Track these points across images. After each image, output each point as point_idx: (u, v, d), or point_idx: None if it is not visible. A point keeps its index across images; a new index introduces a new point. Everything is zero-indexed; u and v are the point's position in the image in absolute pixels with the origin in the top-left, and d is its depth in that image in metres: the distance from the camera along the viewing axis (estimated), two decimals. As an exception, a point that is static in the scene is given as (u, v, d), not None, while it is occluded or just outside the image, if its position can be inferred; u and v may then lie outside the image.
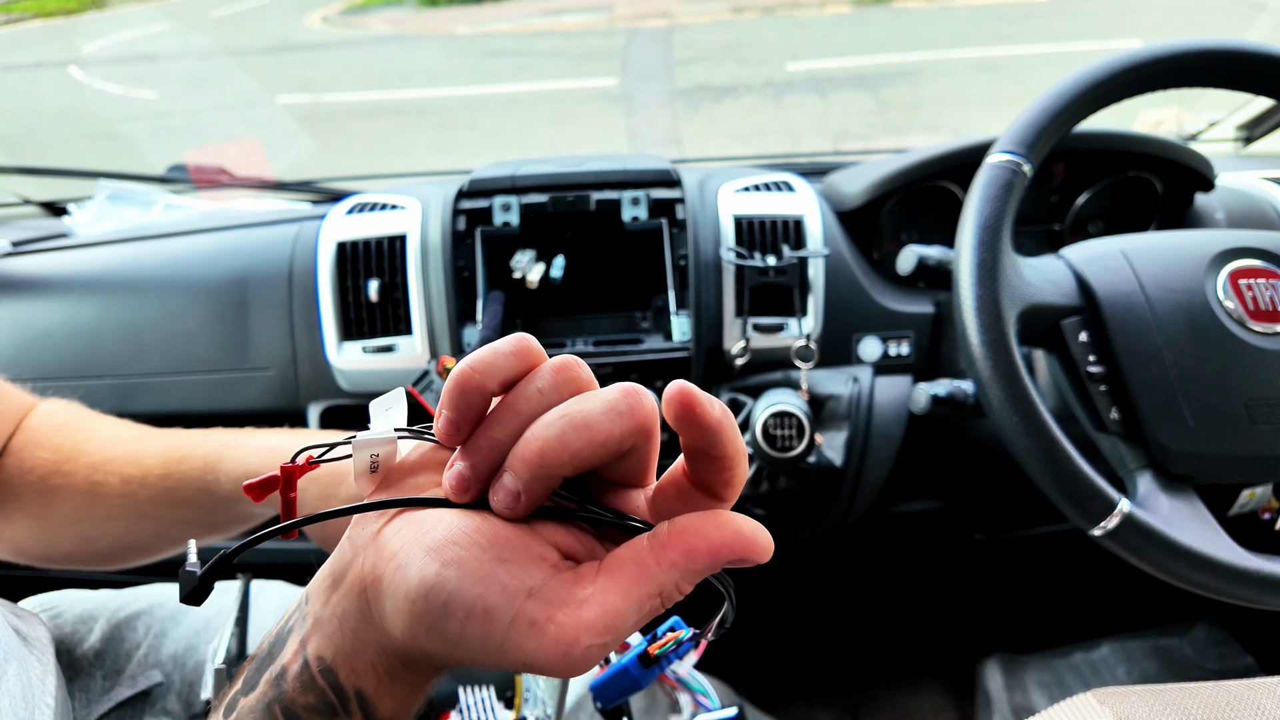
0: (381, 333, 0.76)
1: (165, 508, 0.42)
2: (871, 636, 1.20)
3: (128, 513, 0.43)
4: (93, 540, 0.46)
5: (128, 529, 0.44)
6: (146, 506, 0.43)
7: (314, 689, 0.25)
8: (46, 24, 5.95)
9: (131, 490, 0.43)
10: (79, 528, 0.45)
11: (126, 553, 0.47)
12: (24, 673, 0.41)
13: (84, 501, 0.44)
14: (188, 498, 0.42)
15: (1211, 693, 0.34)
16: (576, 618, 0.23)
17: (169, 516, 0.43)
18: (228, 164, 1.10)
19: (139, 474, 0.43)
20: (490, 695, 0.57)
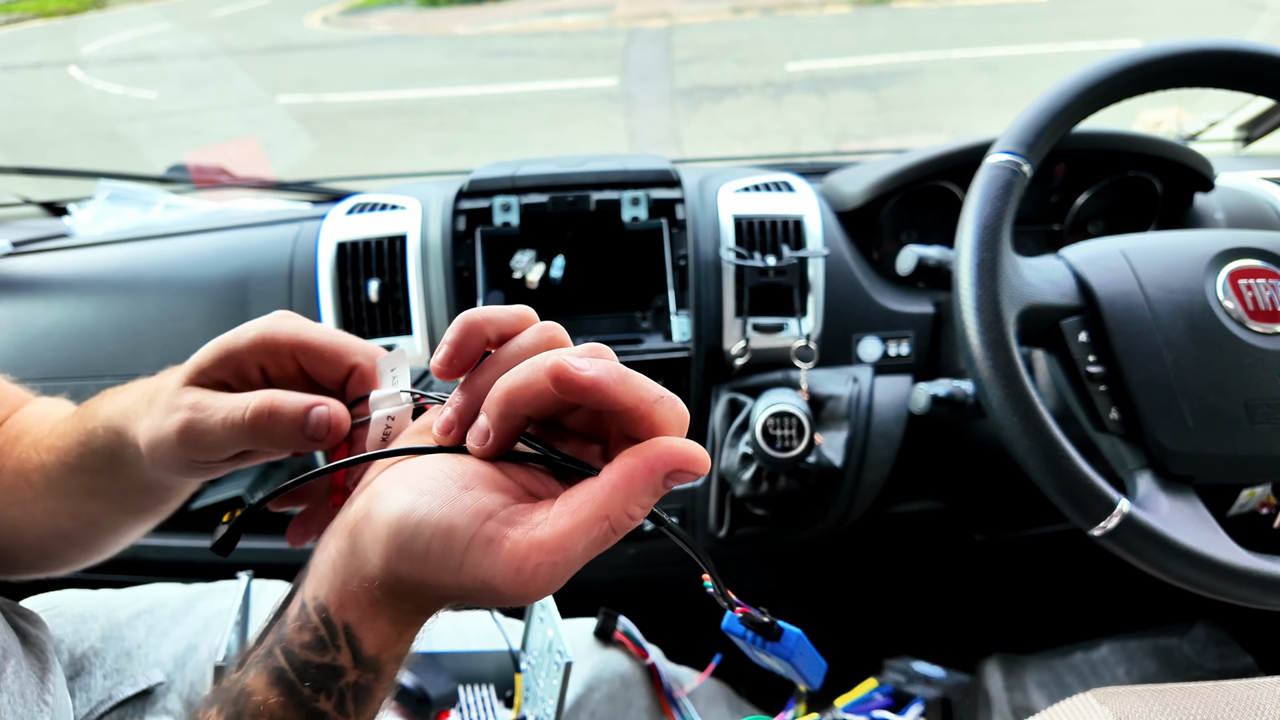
0: (382, 333, 0.76)
1: (79, 478, 0.40)
2: (871, 636, 1.20)
3: (47, 491, 0.41)
4: (21, 530, 0.43)
5: (49, 511, 0.42)
6: (63, 481, 0.40)
7: (309, 627, 0.27)
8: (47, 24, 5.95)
9: (50, 463, 0.40)
10: (9, 515, 0.43)
11: (55, 544, 0.44)
12: (23, 671, 0.41)
13: (10, 484, 0.42)
14: (97, 465, 0.39)
15: (1211, 693, 0.34)
16: (530, 537, 0.25)
17: (82, 488, 0.40)
18: (228, 164, 1.10)
19: (61, 445, 0.40)
20: (490, 694, 0.57)
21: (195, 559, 0.86)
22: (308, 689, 0.27)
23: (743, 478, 0.74)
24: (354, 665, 0.27)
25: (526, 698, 0.57)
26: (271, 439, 0.32)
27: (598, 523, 0.26)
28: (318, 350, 0.34)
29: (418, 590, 0.27)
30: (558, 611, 0.55)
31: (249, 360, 0.34)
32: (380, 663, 0.28)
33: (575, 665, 0.54)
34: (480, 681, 0.58)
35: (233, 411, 0.32)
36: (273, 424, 0.31)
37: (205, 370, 0.34)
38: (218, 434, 0.32)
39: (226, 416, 0.32)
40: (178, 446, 0.33)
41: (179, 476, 0.37)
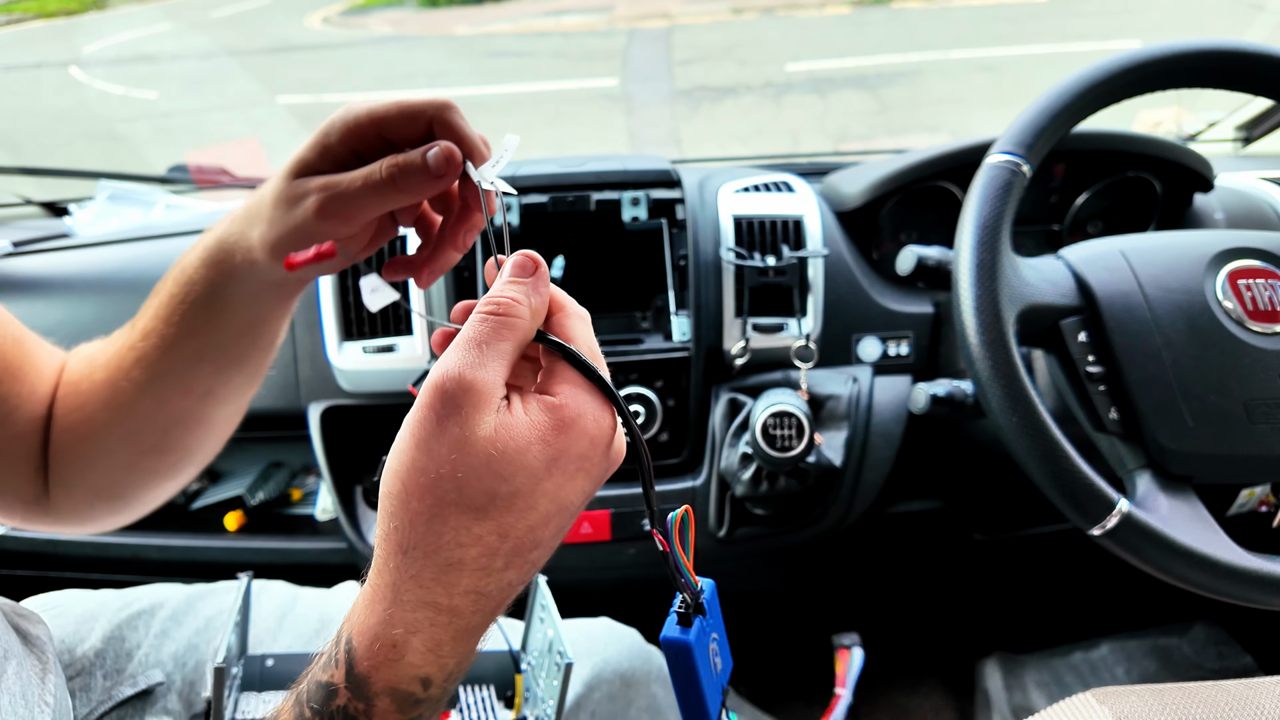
0: (382, 333, 0.76)
1: (181, 346, 0.41)
2: (871, 636, 1.20)
3: (150, 379, 0.42)
4: (136, 434, 0.44)
5: (157, 399, 0.43)
6: (165, 359, 0.42)
7: (326, 649, 0.28)
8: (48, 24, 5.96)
9: (147, 350, 0.42)
10: (119, 425, 0.44)
11: (174, 435, 0.45)
12: (24, 671, 0.41)
13: (109, 397, 0.43)
14: (199, 320, 0.41)
15: (1211, 692, 0.34)
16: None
17: (186, 357, 0.42)
18: (229, 164, 1.10)
19: (152, 326, 0.42)
20: (490, 695, 0.57)
21: (195, 559, 0.86)
22: (310, 711, 0.27)
23: (742, 477, 0.74)
24: (345, 685, 0.26)
25: (527, 698, 0.57)
26: (407, 187, 0.34)
27: (473, 317, 0.29)
28: (393, 117, 0.35)
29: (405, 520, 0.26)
30: (558, 612, 0.55)
31: (342, 148, 0.36)
32: (371, 690, 0.26)
33: (575, 665, 0.54)
34: (480, 682, 0.58)
35: (370, 174, 0.35)
36: (406, 172, 0.34)
37: (309, 162, 0.36)
38: (360, 195, 0.35)
39: (366, 179, 0.34)
40: (317, 222, 0.35)
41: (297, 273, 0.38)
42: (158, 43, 5.50)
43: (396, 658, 0.26)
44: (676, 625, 0.29)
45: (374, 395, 0.80)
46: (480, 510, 0.26)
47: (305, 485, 0.96)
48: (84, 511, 0.48)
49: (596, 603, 0.73)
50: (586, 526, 0.78)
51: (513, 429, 0.27)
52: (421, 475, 0.26)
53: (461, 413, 0.26)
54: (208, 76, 4.47)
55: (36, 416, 0.45)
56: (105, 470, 0.46)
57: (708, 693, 0.30)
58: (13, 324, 0.46)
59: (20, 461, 0.45)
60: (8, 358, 0.44)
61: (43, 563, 0.88)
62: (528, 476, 0.27)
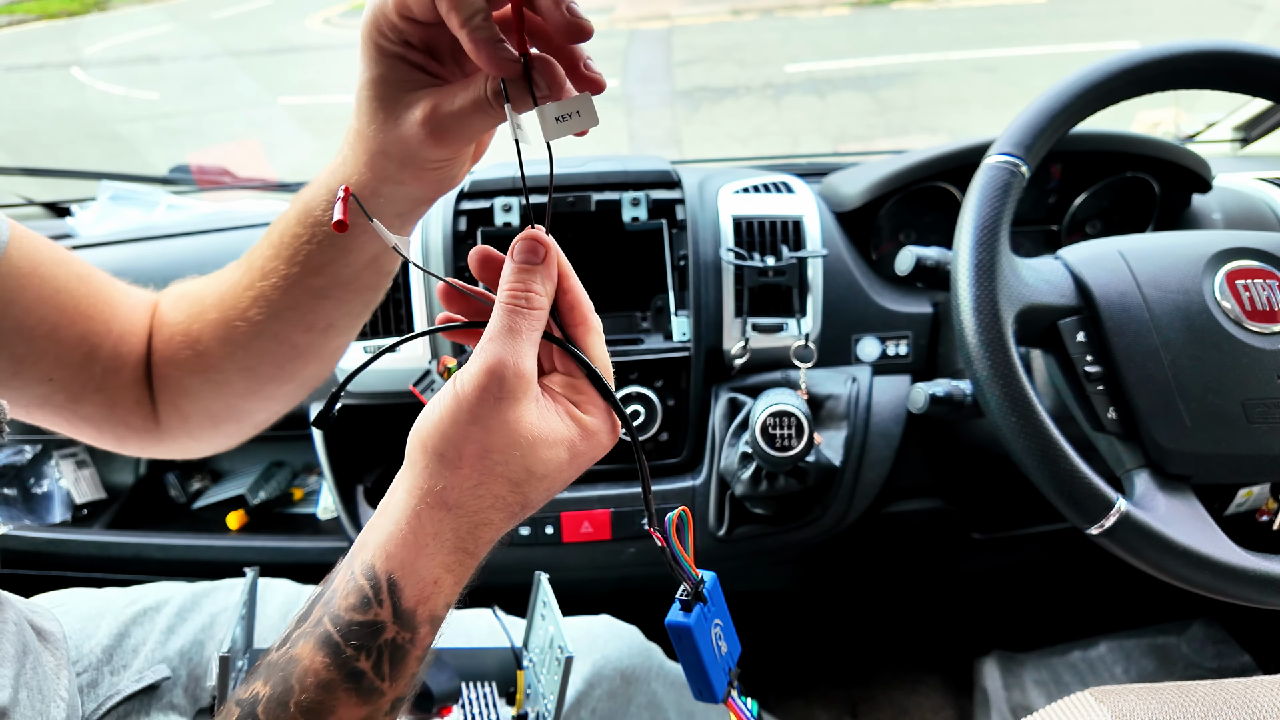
0: (384, 333, 0.76)
1: (305, 283, 0.41)
2: (870, 635, 1.20)
3: (271, 317, 0.42)
4: (254, 369, 0.45)
5: (277, 336, 0.43)
6: (288, 296, 0.42)
7: (354, 589, 0.30)
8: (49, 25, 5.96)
9: (267, 289, 0.42)
10: (236, 360, 0.44)
11: (291, 367, 0.46)
12: (40, 667, 0.41)
13: (224, 334, 0.44)
14: (323, 257, 0.40)
15: (1209, 691, 0.34)
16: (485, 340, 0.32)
17: (309, 293, 0.42)
18: (230, 165, 1.10)
19: (273, 265, 0.42)
20: (492, 690, 0.57)
21: (198, 558, 0.87)
22: (350, 649, 0.29)
23: (742, 477, 0.75)
24: (393, 620, 0.30)
25: (528, 694, 0.58)
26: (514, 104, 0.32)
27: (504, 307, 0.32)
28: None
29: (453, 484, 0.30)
30: (559, 609, 0.55)
31: (391, 46, 0.34)
32: (417, 619, 0.30)
33: (576, 662, 0.55)
34: (483, 678, 0.59)
35: (476, 95, 0.33)
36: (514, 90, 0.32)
37: (382, 77, 0.35)
38: (473, 120, 0.33)
39: (475, 100, 0.33)
40: (432, 147, 0.34)
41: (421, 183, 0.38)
42: (159, 43, 5.50)
43: (437, 592, 0.31)
44: (680, 611, 0.33)
45: (375, 395, 0.80)
46: (516, 483, 0.31)
47: (307, 484, 0.96)
48: (198, 434, 0.49)
49: (597, 601, 0.73)
50: (587, 526, 0.78)
51: (553, 425, 0.32)
52: (476, 446, 0.30)
53: (515, 397, 0.30)
54: (209, 77, 4.48)
55: (124, 352, 0.46)
56: (223, 399, 0.47)
57: (712, 672, 0.34)
58: (77, 263, 0.46)
59: (120, 394, 0.46)
60: (76, 296, 0.44)
61: (46, 562, 0.88)
62: (555, 465, 0.32)
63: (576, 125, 0.32)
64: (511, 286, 0.32)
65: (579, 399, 0.34)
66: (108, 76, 4.53)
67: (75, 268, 0.45)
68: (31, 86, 4.21)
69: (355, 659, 0.29)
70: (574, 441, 0.33)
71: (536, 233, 0.33)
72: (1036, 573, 1.15)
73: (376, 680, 0.30)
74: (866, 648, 1.19)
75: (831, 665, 1.16)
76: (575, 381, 0.34)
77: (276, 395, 0.48)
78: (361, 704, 0.30)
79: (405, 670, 0.31)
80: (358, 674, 0.30)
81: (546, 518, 0.78)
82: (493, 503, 0.31)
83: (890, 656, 1.17)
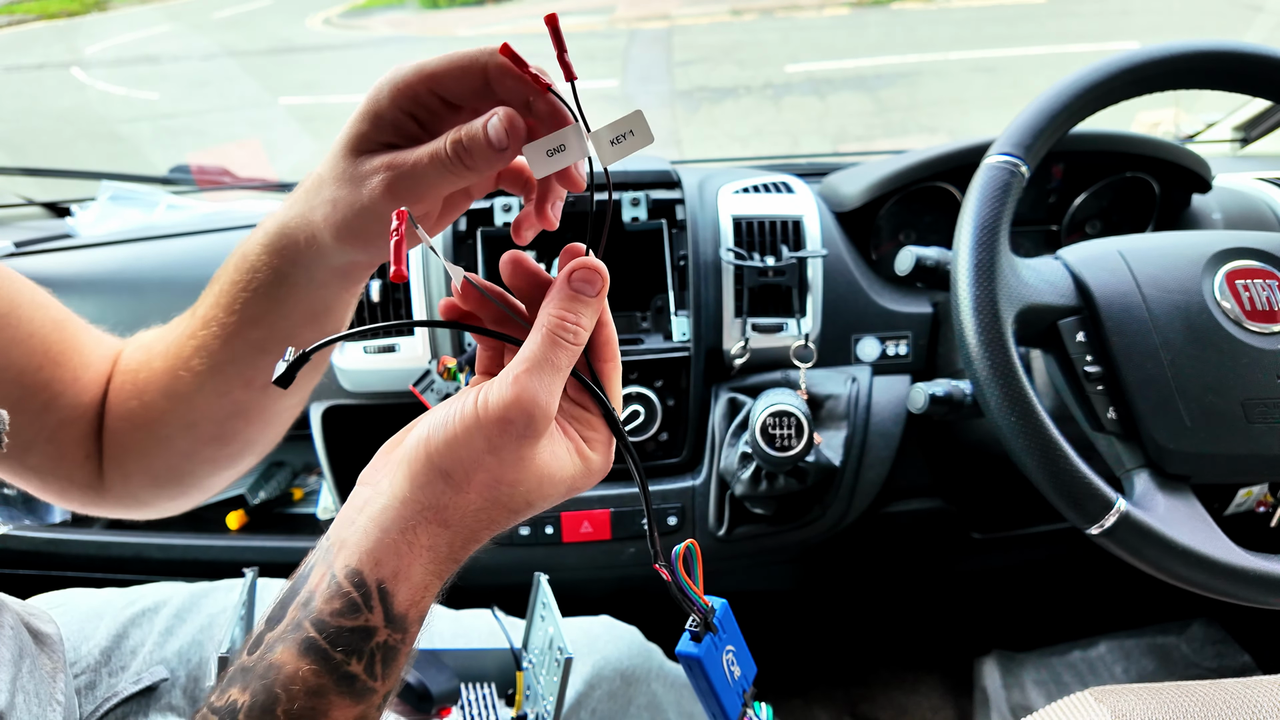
0: (383, 333, 0.76)
1: (244, 335, 0.40)
2: (870, 634, 1.20)
3: (211, 369, 0.41)
4: (195, 426, 0.44)
5: (218, 390, 0.42)
6: (227, 348, 0.41)
7: (340, 595, 0.30)
8: (49, 25, 5.96)
9: (207, 339, 0.41)
10: (179, 415, 0.43)
11: (232, 425, 0.45)
12: (36, 670, 0.41)
13: (168, 385, 0.43)
14: (260, 309, 0.40)
15: (1209, 691, 0.34)
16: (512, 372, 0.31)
17: (249, 346, 0.41)
18: (230, 165, 1.10)
19: (215, 315, 0.41)
20: (492, 692, 0.57)
21: (197, 558, 0.87)
22: (340, 654, 0.29)
23: (742, 477, 0.75)
24: (385, 624, 0.30)
25: (528, 695, 0.58)
26: (475, 165, 0.32)
27: (549, 336, 0.31)
28: (445, 73, 0.33)
29: (456, 504, 0.30)
30: (558, 610, 0.55)
31: (395, 111, 0.33)
32: (408, 621, 0.30)
33: (576, 663, 0.55)
34: (482, 679, 0.59)
35: (436, 151, 0.32)
36: (471, 150, 0.32)
37: (363, 134, 0.34)
38: (428, 173, 0.33)
39: (433, 156, 0.32)
40: (385, 201, 0.33)
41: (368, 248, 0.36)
42: (159, 44, 5.50)
43: (427, 594, 0.31)
44: (690, 641, 0.34)
45: (375, 395, 0.80)
46: (514, 511, 0.32)
47: (307, 484, 0.96)
48: (142, 497, 0.48)
49: (597, 601, 0.73)
50: (587, 526, 0.78)
51: (562, 463, 0.32)
52: (488, 475, 0.30)
53: (534, 433, 0.30)
54: (209, 77, 4.48)
55: (83, 403, 0.45)
56: (164, 458, 0.46)
57: (725, 699, 0.34)
58: (55, 308, 0.45)
59: (70, 447, 0.45)
60: (48, 342, 0.43)
61: (46, 562, 0.88)
62: (553, 498, 0.33)
63: (633, 145, 0.31)
64: (562, 315, 0.31)
65: (589, 435, 0.33)
66: (108, 76, 4.53)
67: (53, 313, 0.44)
68: (31, 86, 4.21)
69: (346, 663, 0.29)
70: (575, 479, 0.33)
71: (597, 263, 0.33)
72: (1036, 573, 1.15)
73: (370, 681, 0.30)
74: (866, 647, 1.19)
75: (831, 665, 1.16)
76: (588, 416, 0.34)
77: (217, 458, 0.47)
78: (355, 704, 0.30)
79: (396, 666, 0.31)
80: (350, 678, 0.29)
81: (546, 518, 0.78)
82: (488, 523, 0.31)
83: (890, 656, 1.17)
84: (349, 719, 0.30)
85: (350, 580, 0.30)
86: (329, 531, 0.32)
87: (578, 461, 0.33)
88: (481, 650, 0.60)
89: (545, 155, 0.31)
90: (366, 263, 0.38)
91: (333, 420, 0.81)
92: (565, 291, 0.32)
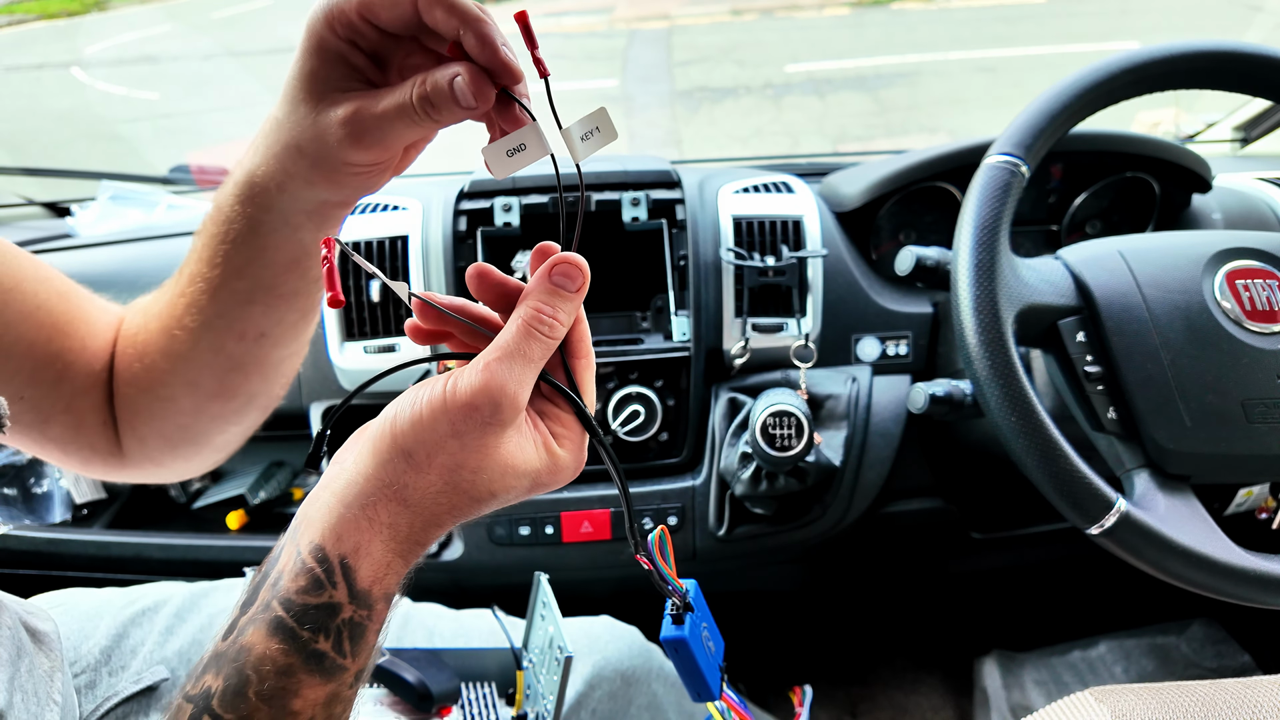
0: (383, 333, 0.76)
1: (229, 286, 0.40)
2: (870, 634, 1.20)
3: (203, 324, 0.42)
4: (196, 383, 0.44)
5: (213, 346, 0.43)
6: (215, 301, 0.41)
7: (305, 572, 0.30)
8: (49, 25, 5.96)
9: (195, 294, 0.42)
10: (181, 374, 0.44)
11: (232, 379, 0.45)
12: (34, 670, 0.41)
13: (165, 345, 0.43)
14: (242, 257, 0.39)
15: (1209, 691, 0.34)
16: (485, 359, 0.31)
17: (235, 298, 0.41)
18: (230, 165, 1.10)
19: (198, 270, 0.41)
20: (492, 691, 0.57)
21: (197, 558, 0.87)
22: (307, 632, 0.29)
23: (742, 477, 0.75)
24: (349, 600, 0.30)
25: (528, 695, 0.58)
26: (440, 117, 0.32)
27: (524, 327, 0.31)
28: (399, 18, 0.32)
29: (416, 484, 0.30)
30: (559, 610, 0.55)
31: (340, 44, 0.33)
32: (372, 598, 0.30)
33: (576, 663, 0.55)
34: (482, 679, 0.59)
35: (401, 101, 0.32)
36: (438, 103, 0.31)
37: (316, 73, 0.33)
38: (393, 122, 0.32)
39: (399, 106, 0.32)
40: (351, 150, 0.33)
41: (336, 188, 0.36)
42: (159, 44, 5.50)
43: (389, 573, 0.31)
44: (672, 625, 0.35)
45: (375, 395, 0.80)
46: (476, 499, 0.31)
47: (306, 484, 0.96)
48: (159, 459, 0.48)
49: (597, 601, 0.73)
50: (587, 526, 0.78)
51: (527, 455, 0.32)
52: (449, 459, 0.30)
53: (500, 422, 0.30)
54: (209, 77, 4.48)
55: (94, 371, 0.45)
56: (172, 418, 0.46)
57: (708, 674, 0.36)
58: (59, 279, 0.45)
59: (87, 415, 0.46)
60: (55, 313, 0.44)
61: (46, 562, 0.88)
62: (517, 490, 0.32)
63: (600, 142, 0.32)
64: (539, 307, 0.31)
65: (558, 431, 0.33)
66: (108, 76, 4.53)
67: (57, 284, 0.45)
68: (32, 86, 4.21)
69: (314, 640, 0.29)
70: (541, 473, 0.32)
71: (578, 259, 0.32)
72: (1036, 573, 1.15)
73: (338, 658, 0.30)
74: (866, 647, 1.19)
75: (831, 665, 1.16)
76: (559, 412, 0.33)
77: (224, 413, 0.47)
78: (325, 682, 0.30)
79: (366, 644, 0.31)
80: (318, 655, 0.29)
81: (546, 517, 0.78)
82: (449, 508, 0.31)
83: (890, 656, 1.17)
84: (320, 697, 0.30)
85: (314, 556, 0.30)
86: (299, 510, 0.32)
87: (545, 456, 0.32)
88: (482, 650, 0.60)
89: (505, 155, 0.31)
90: (338, 201, 0.38)
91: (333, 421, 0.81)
92: (545, 285, 0.32)
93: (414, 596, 0.67)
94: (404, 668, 0.55)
